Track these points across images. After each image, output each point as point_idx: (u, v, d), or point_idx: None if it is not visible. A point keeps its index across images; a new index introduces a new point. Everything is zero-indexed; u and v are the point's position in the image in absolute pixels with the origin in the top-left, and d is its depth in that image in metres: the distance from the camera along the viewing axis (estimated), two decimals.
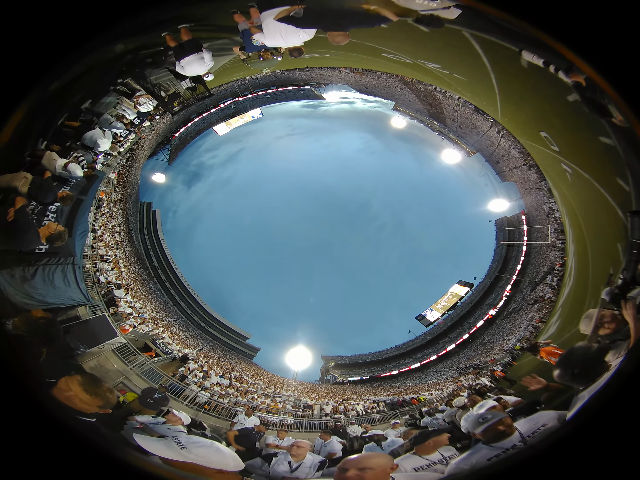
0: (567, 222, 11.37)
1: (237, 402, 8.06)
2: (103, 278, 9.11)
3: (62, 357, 3.50)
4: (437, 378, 14.70)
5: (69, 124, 5.01)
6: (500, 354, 12.47)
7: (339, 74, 16.49)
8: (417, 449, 2.17)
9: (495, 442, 1.68)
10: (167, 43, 4.10)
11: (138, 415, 3.48)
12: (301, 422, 7.78)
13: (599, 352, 1.60)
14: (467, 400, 4.99)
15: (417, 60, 7.06)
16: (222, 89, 14.86)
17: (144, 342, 8.67)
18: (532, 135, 7.53)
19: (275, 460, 2.99)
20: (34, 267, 4.05)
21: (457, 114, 16.33)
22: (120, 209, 13.94)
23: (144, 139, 13.50)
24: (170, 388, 6.84)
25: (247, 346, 22.25)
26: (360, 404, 10.08)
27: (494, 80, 5.48)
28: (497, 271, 19.57)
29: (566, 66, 2.66)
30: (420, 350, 20.88)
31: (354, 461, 1.38)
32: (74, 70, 3.28)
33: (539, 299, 13.53)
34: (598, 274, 6.14)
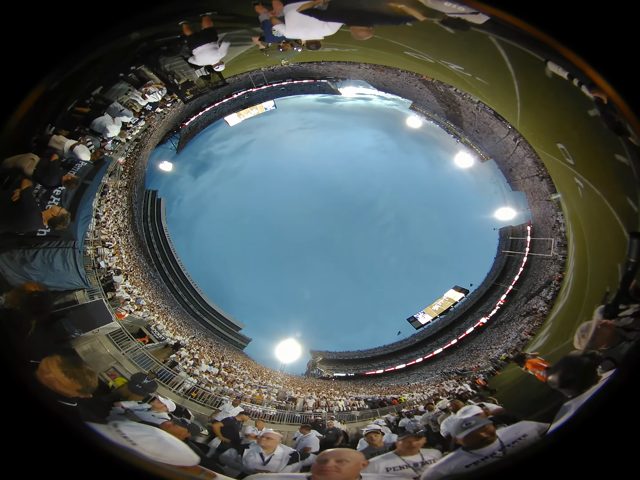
0: (571, 237, 11.30)
1: (223, 391, 8.24)
2: (103, 263, 9.29)
3: (56, 341, 3.63)
4: (420, 380, 14.90)
5: (78, 110, 5.04)
6: (485, 362, 12.63)
7: (357, 69, 16.15)
8: (398, 448, 2.16)
9: (475, 448, 1.67)
10: (183, 32, 4.12)
11: (124, 401, 3.54)
12: (283, 414, 7.94)
13: (593, 362, 1.59)
14: (450, 404, 5.06)
15: (439, 60, 6.99)
16: (236, 79, 14.73)
17: (139, 328, 8.89)
18: (548, 146, 7.48)
19: (247, 452, 3.04)
20: (34, 250, 4.05)
21: (475, 118, 16.09)
22: (125, 195, 14.07)
23: (153, 127, 13.45)
24: (159, 374, 6.98)
25: (239, 336, 22.57)
26: (342, 400, 10.29)
27: (517, 87, 5.44)
28: (495, 280, 19.60)
29: (589, 82, 2.67)
30: (408, 351, 21.14)
31: (333, 453, 1.44)
32: (88, 58, 3.36)
33: (531, 311, 13.58)
34: (594, 292, 6.13)
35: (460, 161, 19.73)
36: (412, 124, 20.25)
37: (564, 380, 1.57)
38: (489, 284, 20.08)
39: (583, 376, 1.50)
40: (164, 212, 21.60)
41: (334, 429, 5.53)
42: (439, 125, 19.01)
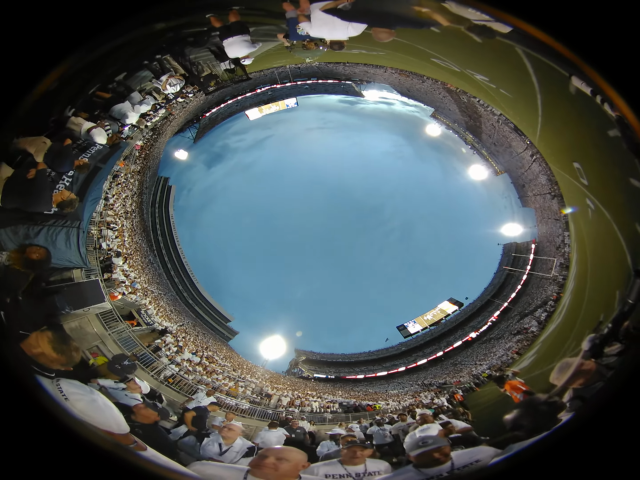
0: (574, 259, 11.16)
1: (200, 380, 8.35)
2: (105, 245, 9.49)
3: (46, 315, 3.83)
4: (399, 390, 14.84)
5: (100, 94, 5.09)
6: (467, 377, 12.55)
7: (383, 73, 16.16)
8: (342, 456, 2.10)
9: (425, 467, 1.63)
10: (212, 24, 4.16)
11: (101, 379, 3.64)
12: (255, 409, 8.02)
13: (551, 410, 1.57)
14: (419, 417, 5.15)
15: (465, 69, 7.02)
16: (261, 74, 14.90)
17: (129, 311, 9.05)
18: (564, 164, 7.40)
19: (206, 441, 3.08)
20: (40, 227, 4.22)
21: (494, 130, 15.95)
22: (137, 180, 14.31)
23: (174, 115, 13.69)
24: (141, 358, 7.09)
25: (227, 328, 22.67)
26: (317, 402, 10.31)
27: (539, 102, 5.38)
28: (491, 295, 19.45)
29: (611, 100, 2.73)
30: (392, 359, 21.05)
31: (274, 450, 1.46)
32: (113, 42, 3.49)
33: (522, 330, 13.51)
34: (588, 317, 6.06)
35: (474, 173, 19.64)
36: (431, 132, 20.17)
37: (516, 424, 1.60)
38: (484, 299, 19.91)
39: (535, 424, 1.49)
40: (172, 200, 21.90)
41: (300, 428, 5.66)
42: (458, 135, 18.98)
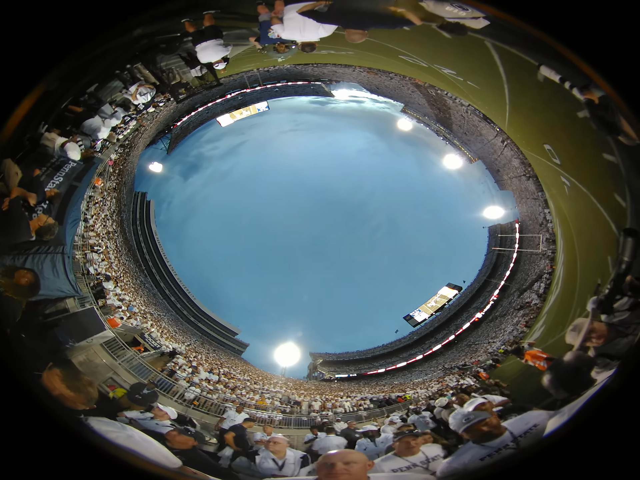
0: (559, 233, 11.59)
1: (225, 398, 8.06)
2: (92, 269, 8.89)
3: (50, 350, 3.45)
4: (422, 377, 14.96)
5: (71, 109, 4.85)
6: (484, 356, 12.81)
7: (352, 72, 16.37)
8: (396, 449, 2.12)
9: (484, 441, 1.64)
10: (186, 29, 4.09)
11: (127, 411, 3.48)
12: (290, 418, 7.83)
13: (586, 366, 1.59)
14: (455, 398, 5.02)
15: (433, 64, 7.13)
16: (231, 79, 14.53)
17: (133, 336, 8.53)
18: (535, 147, 7.61)
19: (259, 459, 3.00)
20: (24, 256, 3.96)
21: (464, 121, 16.52)
22: (114, 197, 13.57)
23: (144, 126, 13.10)
24: (159, 383, 6.79)
25: (236, 342, 22.12)
26: (347, 401, 10.22)
27: (507, 91, 5.56)
28: (487, 276, 20.02)
29: (582, 84, 2.76)
30: (407, 349, 21.23)
31: (338, 455, 1.39)
32: (89, 54, 3.20)
33: (525, 304, 13.89)
34: (585, 284, 6.23)
35: (449, 163, 20.25)
36: (402, 127, 20.65)
37: (556, 385, 1.60)
38: (481, 280, 20.49)
39: (576, 382, 1.50)
40: (153, 215, 21.01)
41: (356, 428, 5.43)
42: (429, 127, 19.47)
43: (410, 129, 20.40)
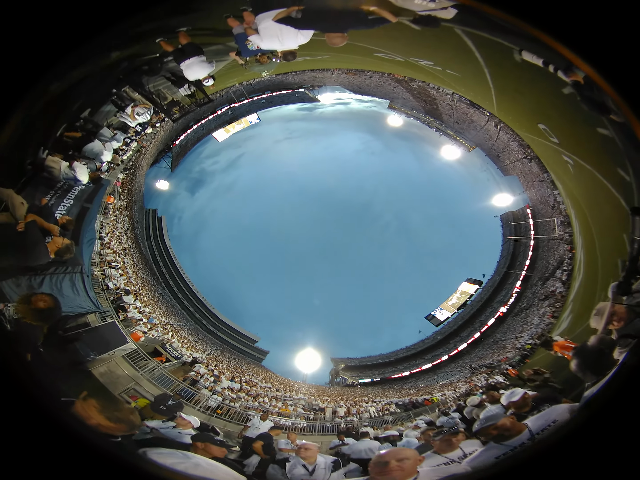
0: (572, 214, 11.16)
1: (248, 406, 8.01)
2: (112, 284, 9.19)
3: (72, 364, 3.47)
4: (449, 378, 14.36)
5: (68, 135, 4.98)
6: (512, 352, 12.15)
7: (331, 76, 16.50)
8: (435, 447, 2.20)
9: (502, 441, 1.69)
10: (164, 48, 4.06)
11: (148, 421, 3.45)
12: (314, 425, 7.69)
13: (608, 348, 1.63)
14: (486, 397, 4.87)
15: (409, 58, 7.02)
16: (217, 95, 14.90)
17: (154, 347, 8.69)
18: (530, 128, 7.46)
19: (289, 466, 2.98)
20: (41, 277, 3.98)
21: (452, 110, 16.16)
22: (126, 216, 14.10)
23: (145, 147, 13.62)
24: (181, 393, 6.82)
25: (256, 349, 22.23)
26: (372, 406, 9.93)
27: (488, 75, 5.44)
28: (506, 267, 19.11)
29: (565, 65, 2.69)
30: (431, 350, 20.47)
31: (390, 454, 1.44)
32: (69, 78, 3.24)
33: (549, 294, 13.14)
34: (607, 265, 6.02)
35: (447, 154, 19.74)
36: (393, 123, 20.35)
37: (585, 369, 1.64)
38: (501, 272, 19.55)
39: (600, 363, 1.55)
40: (165, 230, 21.68)
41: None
42: (420, 121, 19.13)
43: (401, 124, 20.14)
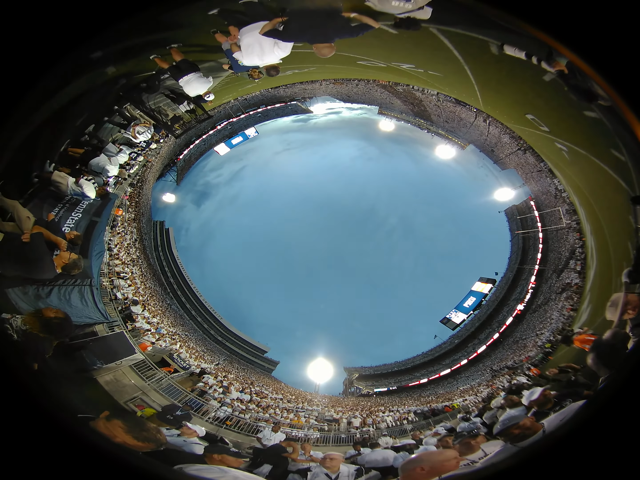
0: (576, 201, 11.03)
1: (258, 418, 7.78)
2: (120, 294, 9.23)
3: (77, 371, 3.41)
4: (469, 383, 13.71)
5: (73, 150, 5.05)
6: (534, 350, 11.59)
7: (320, 87, 16.93)
8: (458, 450, 2.19)
9: (517, 442, 1.71)
10: (159, 65, 4.06)
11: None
12: (328, 436, 7.42)
13: (621, 342, 1.63)
14: (504, 401, 4.68)
15: (390, 63, 7.15)
16: (215, 111, 15.41)
17: (162, 357, 8.59)
18: (518, 119, 7.49)
19: (311, 475, 2.96)
20: (50, 287, 3.96)
21: (440, 110, 16.32)
22: (134, 227, 14.38)
23: (151, 162, 14.05)
24: (190, 404, 6.69)
25: (265, 360, 21.88)
26: (389, 416, 9.52)
27: (469, 71, 5.49)
28: (518, 263, 18.52)
29: (546, 54, 2.72)
30: (449, 355, 19.61)
31: (422, 457, 1.45)
32: (66, 92, 3.21)
33: (566, 286, 12.64)
34: (619, 250, 5.86)
35: (442, 153, 19.81)
36: (385, 128, 20.67)
37: (597, 362, 1.64)
38: (514, 269, 18.90)
39: (616, 356, 1.54)
40: (173, 241, 21.99)
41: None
42: (410, 123, 19.40)
43: (393, 128, 20.47)
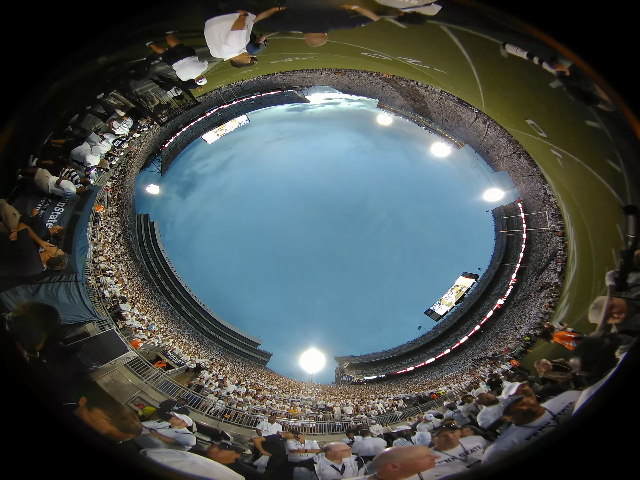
0: (563, 207, 11.43)
1: (256, 409, 7.90)
2: (107, 292, 8.95)
3: (75, 374, 3.38)
4: (453, 371, 14.48)
5: (56, 142, 4.95)
6: (513, 343, 12.33)
7: (320, 76, 16.55)
8: (436, 444, 2.17)
9: (525, 422, 1.68)
10: (154, 51, 3.98)
11: (144, 422, 3.50)
12: (323, 424, 7.62)
13: (613, 344, 1.60)
14: (478, 398, 4.82)
15: (396, 57, 7.03)
16: (206, 97, 14.80)
17: (155, 355, 8.49)
18: (518, 123, 7.52)
19: (319, 467, 3.02)
20: (37, 285, 3.97)
21: (441, 107, 16.41)
22: (117, 222, 13.77)
23: (134, 151, 13.35)
24: (187, 399, 6.69)
25: (259, 352, 22.05)
26: (380, 403, 9.93)
27: (475, 72, 5.46)
28: (501, 260, 19.42)
29: (550, 56, 2.66)
30: (434, 344, 20.63)
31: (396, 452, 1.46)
32: (57, 86, 3.14)
33: (545, 285, 13.43)
34: (601, 255, 6.11)
35: (437, 151, 19.98)
36: (383, 122, 20.44)
37: (585, 364, 1.61)
38: (496, 266, 19.83)
39: (603, 359, 1.53)
40: (158, 235, 21.25)
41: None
42: (409, 119, 19.30)
43: (391, 123, 20.29)
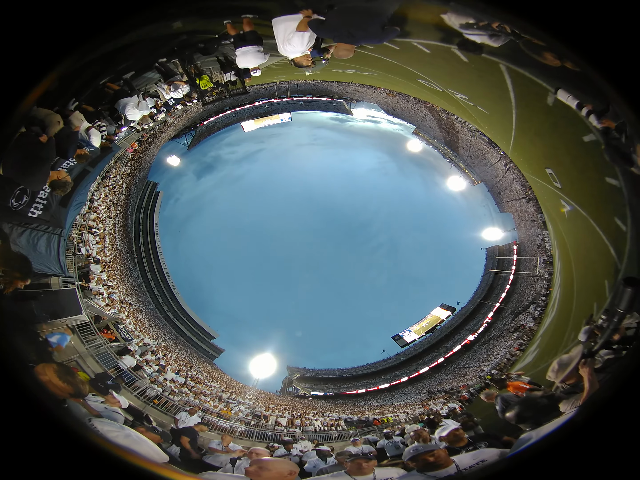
0: (557, 255, 11.31)
1: (187, 402, 7.74)
2: (84, 250, 8.80)
3: (24, 321, 3.44)
4: (404, 400, 14.28)
5: (109, 86, 4.91)
6: (473, 379, 12.30)
7: (372, 93, 17.27)
8: (348, 468, 2.16)
9: (428, 471, 1.72)
10: (228, 31, 4.02)
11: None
12: (252, 431, 7.51)
13: (552, 403, 1.66)
14: (413, 434, 4.99)
15: (447, 89, 7.35)
16: (262, 87, 15.30)
17: (106, 324, 8.34)
18: (538, 171, 7.43)
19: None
20: (23, 228, 3.99)
21: (470, 144, 17.11)
22: (125, 182, 13.65)
23: (172, 120, 13.49)
24: (122, 376, 6.61)
25: (211, 346, 21.26)
26: (318, 420, 9.77)
27: (514, 116, 5.56)
28: (482, 298, 19.54)
29: (600, 109, 2.57)
30: (392, 370, 20.33)
31: (262, 462, 1.63)
32: (126, 38, 2.94)
33: (519, 327, 13.49)
34: (581, 307, 6.08)
35: (453, 184, 20.73)
36: (412, 148, 21.30)
37: (520, 418, 1.73)
38: (475, 302, 19.96)
39: (538, 415, 1.61)
40: (158, 207, 21.00)
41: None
42: (437, 150, 20.18)
43: (420, 150, 21.16)
